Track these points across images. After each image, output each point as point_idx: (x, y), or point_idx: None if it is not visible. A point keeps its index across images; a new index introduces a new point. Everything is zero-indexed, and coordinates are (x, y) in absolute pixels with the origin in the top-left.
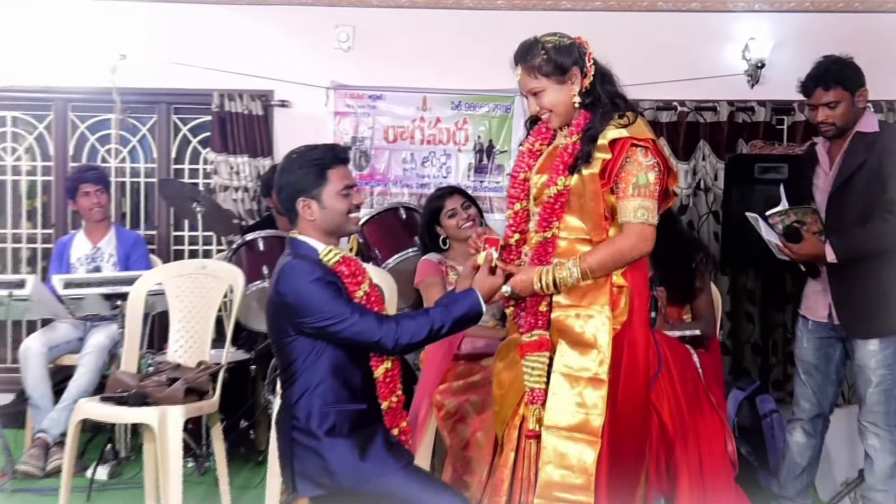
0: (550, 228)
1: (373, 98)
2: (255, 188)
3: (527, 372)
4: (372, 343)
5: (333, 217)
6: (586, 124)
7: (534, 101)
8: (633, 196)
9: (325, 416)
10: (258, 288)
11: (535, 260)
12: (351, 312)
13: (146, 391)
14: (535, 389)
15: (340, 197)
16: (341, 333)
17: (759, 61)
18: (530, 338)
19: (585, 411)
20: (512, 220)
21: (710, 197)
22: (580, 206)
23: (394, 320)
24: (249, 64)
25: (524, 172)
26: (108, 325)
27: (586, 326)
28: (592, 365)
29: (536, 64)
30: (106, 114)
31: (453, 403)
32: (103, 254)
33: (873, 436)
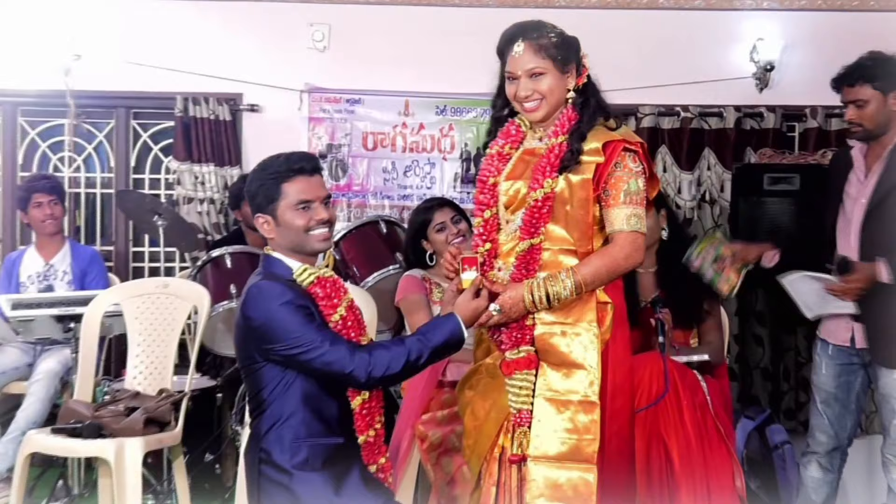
0: (537, 235)
1: (350, 102)
2: (222, 199)
3: (513, 393)
4: (343, 375)
5: (290, 235)
6: (573, 124)
7: (528, 83)
8: (624, 203)
9: (297, 449)
10: (225, 309)
11: (519, 270)
12: (321, 340)
13: (102, 422)
14: (523, 411)
15: (297, 212)
16: (311, 363)
17: (769, 63)
18: (516, 354)
19: (577, 437)
20: (482, 229)
21: (716, 210)
22: (565, 215)
23: (367, 350)
24: (216, 65)
25: (493, 177)
26: (61, 349)
27: (573, 345)
28: (581, 387)
29: (545, 43)
30: (59, 119)
31: (437, 435)
32: (57, 271)
33: None
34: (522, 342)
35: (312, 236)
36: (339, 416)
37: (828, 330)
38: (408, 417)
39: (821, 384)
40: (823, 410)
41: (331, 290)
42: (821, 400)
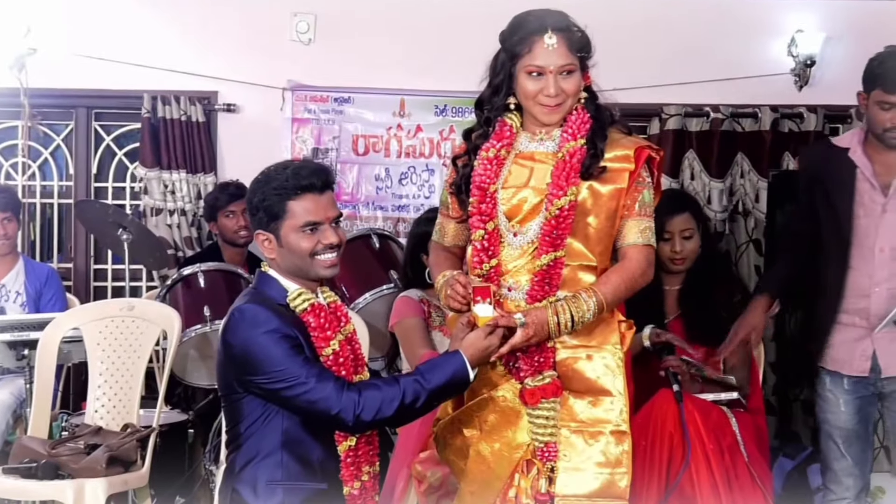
0: (560, 247)
1: (339, 101)
2: (194, 211)
3: (538, 424)
4: (328, 416)
5: (294, 259)
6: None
7: (556, 82)
8: (639, 215)
9: (271, 492)
10: (198, 334)
11: (540, 288)
12: (307, 376)
13: (59, 461)
14: (550, 444)
15: (302, 234)
16: (293, 400)
17: (809, 58)
18: (540, 381)
19: (610, 471)
20: (486, 243)
21: (751, 222)
22: (585, 227)
23: (357, 390)
24: (188, 60)
25: (493, 184)
26: (13, 379)
27: (600, 370)
28: (612, 415)
29: (575, 37)
30: (11, 120)
31: (437, 475)
32: (9, 292)
33: None
34: (545, 367)
35: (318, 262)
36: (322, 459)
37: (837, 360)
38: (404, 456)
39: (840, 423)
40: (846, 451)
41: (326, 319)
42: (842, 441)
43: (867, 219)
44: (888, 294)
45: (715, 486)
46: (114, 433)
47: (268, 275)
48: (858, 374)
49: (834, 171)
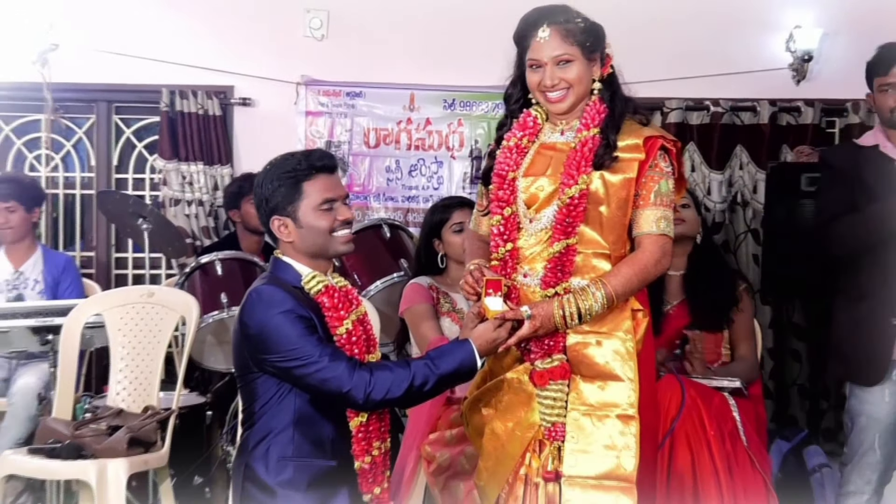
0: (572, 234)
1: (351, 95)
2: (211, 201)
3: (546, 405)
4: (339, 394)
5: (314, 237)
6: (603, 117)
7: (554, 71)
8: (654, 205)
9: (282, 467)
10: (215, 320)
11: (553, 274)
12: (320, 355)
13: (82, 442)
14: (557, 424)
15: (320, 213)
16: (306, 378)
17: (806, 53)
18: (549, 364)
19: (616, 454)
20: (502, 227)
21: (749, 213)
22: (599, 216)
23: (367, 369)
24: (205, 55)
25: (512, 171)
26: (38, 363)
27: (609, 356)
28: (621, 400)
29: (573, 28)
30: (35, 114)
31: (446, 456)
32: (27, 279)
33: None
34: (554, 350)
35: (336, 238)
36: (333, 437)
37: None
38: (413, 437)
39: (881, 416)
40: (881, 446)
41: (339, 300)
42: (879, 434)
43: None
44: None
45: (716, 472)
46: (134, 415)
47: (282, 260)
48: None
49: (873, 170)
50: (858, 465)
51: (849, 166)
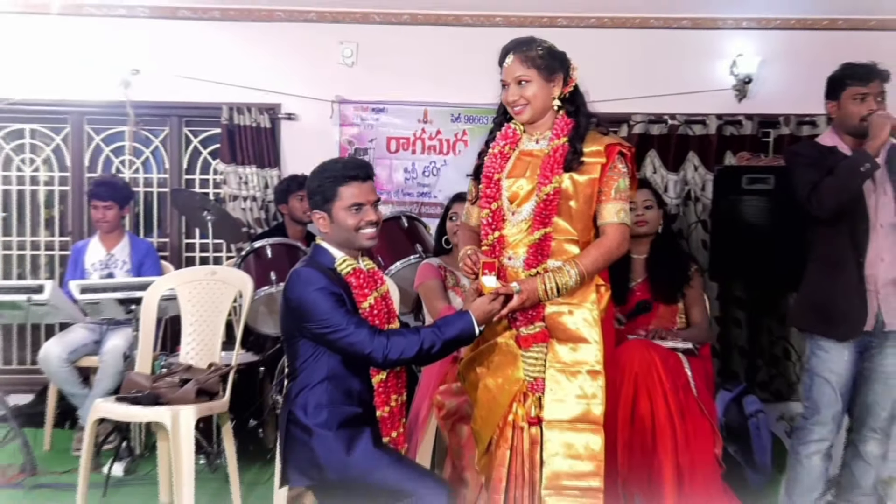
0: (549, 224)
1: (375, 111)
2: (262, 197)
3: (529, 363)
4: (362, 355)
5: (343, 232)
6: (571, 129)
7: (515, 89)
8: (614, 199)
9: (318, 412)
10: (266, 293)
11: (533, 257)
12: (347, 324)
13: (159, 392)
14: (538, 379)
15: (350, 213)
16: (336, 342)
17: (747, 76)
18: (532, 330)
19: (586, 402)
20: (491, 219)
21: (699, 207)
22: (569, 209)
23: (385, 335)
24: (257, 78)
25: (497, 173)
26: (124, 328)
27: (579, 322)
28: (589, 358)
29: (531, 55)
30: (120, 126)
31: (453, 404)
32: (116, 261)
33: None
34: (536, 319)
35: (361, 234)
36: (359, 390)
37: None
38: (426, 389)
39: (841, 371)
40: (841, 396)
41: (364, 280)
42: (839, 387)
43: (869, 200)
44: (890, 262)
45: (671, 416)
46: (201, 370)
47: (321, 246)
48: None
49: (833, 162)
50: (822, 418)
51: (815, 156)
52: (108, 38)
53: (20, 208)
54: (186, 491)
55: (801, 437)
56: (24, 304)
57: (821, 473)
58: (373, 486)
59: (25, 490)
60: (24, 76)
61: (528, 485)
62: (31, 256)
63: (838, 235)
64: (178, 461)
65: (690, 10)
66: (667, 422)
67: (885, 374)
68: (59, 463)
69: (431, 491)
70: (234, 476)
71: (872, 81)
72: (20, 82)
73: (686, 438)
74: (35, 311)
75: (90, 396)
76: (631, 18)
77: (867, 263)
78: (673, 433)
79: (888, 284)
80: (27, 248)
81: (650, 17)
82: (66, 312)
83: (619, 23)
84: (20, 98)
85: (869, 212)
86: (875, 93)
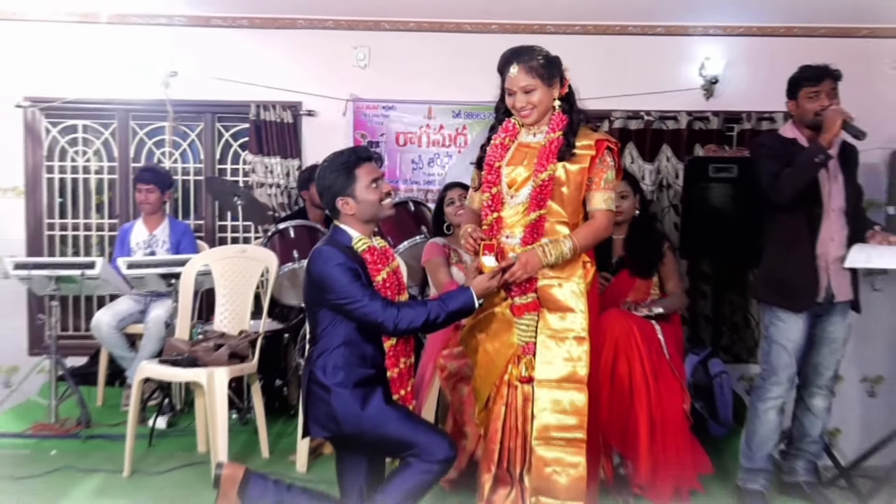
0: (543, 207)
1: (385, 108)
2: (286, 185)
3: (521, 329)
4: (375, 323)
5: (369, 207)
6: (565, 125)
7: (523, 98)
8: (603, 189)
9: (336, 373)
10: (289, 269)
11: (530, 235)
12: (362, 296)
13: (196, 355)
14: (529, 343)
15: (371, 189)
16: (353, 312)
17: (713, 77)
18: (525, 300)
19: (573, 364)
20: (491, 202)
21: (671, 193)
22: (561, 195)
23: (396, 307)
24: (281, 79)
25: (498, 162)
26: (165, 300)
27: (567, 294)
28: (575, 326)
29: (533, 65)
30: (160, 122)
31: (454, 366)
32: (158, 240)
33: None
34: (529, 291)
35: (385, 205)
36: (372, 354)
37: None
38: (431, 353)
39: (795, 338)
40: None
41: (377, 257)
42: (794, 351)
43: (823, 187)
44: (838, 243)
45: (645, 377)
46: (233, 336)
47: (339, 227)
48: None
49: (794, 153)
50: (779, 379)
51: (777, 147)
52: (150, 44)
53: (74, 194)
54: (221, 441)
55: (759, 395)
56: (78, 278)
57: (776, 426)
58: (384, 438)
59: (82, 440)
60: (76, 78)
61: (520, 436)
62: (83, 237)
63: (795, 219)
64: (213, 416)
65: (664, 19)
66: (642, 381)
67: (830, 339)
68: (110, 417)
69: (435, 442)
70: (262, 429)
71: (824, 81)
72: (73, 84)
73: (659, 396)
74: (88, 284)
75: (136, 359)
76: (612, 26)
77: (819, 243)
78: (647, 391)
79: (836, 261)
80: (80, 229)
81: (629, 25)
82: (114, 285)
83: (601, 30)
84: (74, 97)
85: (822, 198)
86: (826, 90)
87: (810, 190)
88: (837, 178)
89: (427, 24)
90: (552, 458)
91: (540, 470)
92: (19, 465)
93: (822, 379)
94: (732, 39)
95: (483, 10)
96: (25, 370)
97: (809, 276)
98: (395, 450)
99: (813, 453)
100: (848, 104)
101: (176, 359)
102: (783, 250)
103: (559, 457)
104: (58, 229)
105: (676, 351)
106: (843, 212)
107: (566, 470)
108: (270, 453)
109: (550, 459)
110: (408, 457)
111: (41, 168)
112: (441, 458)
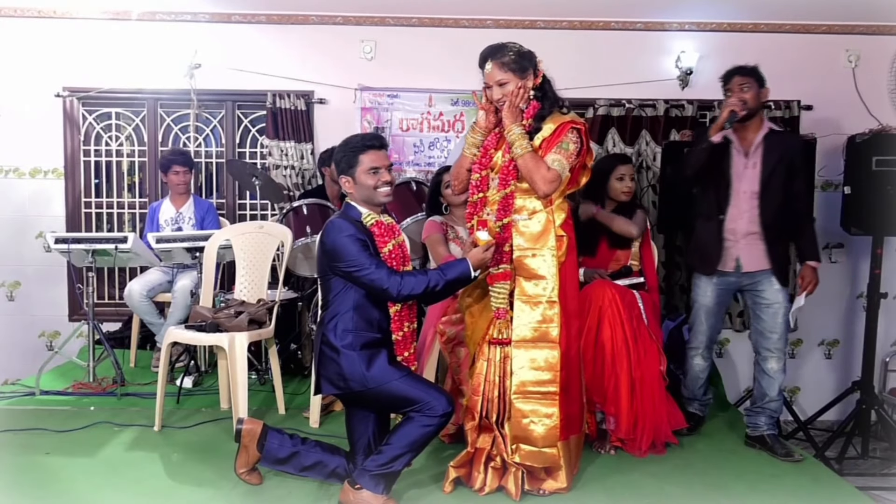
0: (508, 186)
1: (390, 97)
2: (300, 166)
3: (494, 296)
4: (381, 290)
5: (363, 191)
6: (536, 111)
7: (498, 90)
8: (555, 152)
9: (344, 335)
10: (303, 243)
11: (502, 210)
12: (369, 264)
13: (219, 321)
14: (500, 308)
15: (368, 175)
16: (361, 279)
17: (688, 69)
18: (497, 270)
19: (545, 325)
20: (479, 182)
21: (650, 174)
22: None
23: (400, 275)
24: (295, 70)
25: (493, 148)
26: (190, 271)
27: (539, 263)
28: (546, 291)
29: (506, 60)
30: (186, 109)
31: (453, 331)
32: (184, 217)
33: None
34: (502, 262)
35: (379, 192)
36: (378, 319)
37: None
38: (432, 320)
39: (706, 303)
40: (706, 321)
41: (384, 231)
42: (705, 314)
43: (736, 172)
44: (748, 220)
45: (626, 341)
46: (252, 304)
47: (350, 204)
48: (727, 269)
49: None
50: (697, 331)
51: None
52: (176, 39)
53: (108, 176)
54: (241, 399)
55: (688, 344)
56: (112, 251)
57: (702, 368)
58: (388, 395)
59: (117, 398)
60: (110, 70)
61: (497, 388)
62: (117, 214)
63: (708, 197)
64: (234, 376)
65: (643, 16)
66: (623, 345)
67: (766, 304)
68: (142, 377)
69: (435, 398)
70: (278, 388)
71: (731, 80)
72: (108, 75)
73: (638, 358)
74: (121, 257)
75: (165, 325)
76: (596, 21)
77: (729, 219)
78: (628, 354)
79: (747, 236)
80: (114, 207)
81: (611, 21)
82: (144, 258)
83: (586, 25)
84: (108, 87)
85: (732, 179)
86: (735, 87)
87: (720, 172)
88: (756, 164)
89: (428, 20)
90: (529, 410)
91: (518, 421)
92: (62, 419)
93: (770, 342)
94: (705, 35)
95: (479, 7)
96: (66, 334)
97: (716, 246)
98: (399, 406)
99: (774, 410)
100: (808, 95)
101: (200, 325)
102: (701, 223)
103: (535, 408)
104: (94, 207)
105: (654, 317)
106: (755, 194)
107: (542, 420)
108: (286, 410)
109: (528, 411)
110: (410, 412)
111: (79, 152)
112: (440, 413)
